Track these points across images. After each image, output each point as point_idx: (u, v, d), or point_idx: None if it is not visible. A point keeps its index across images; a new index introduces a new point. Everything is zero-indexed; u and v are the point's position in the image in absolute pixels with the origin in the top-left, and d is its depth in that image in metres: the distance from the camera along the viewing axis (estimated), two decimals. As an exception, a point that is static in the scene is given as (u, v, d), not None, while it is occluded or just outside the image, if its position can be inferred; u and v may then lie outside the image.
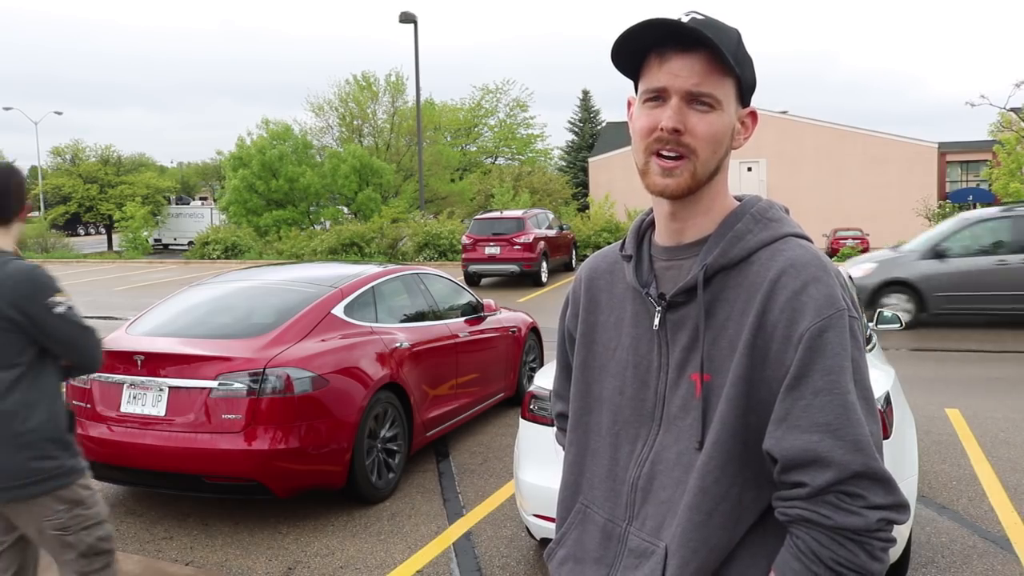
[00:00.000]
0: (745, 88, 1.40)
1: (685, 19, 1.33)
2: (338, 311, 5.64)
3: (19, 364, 2.80)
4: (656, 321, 1.43)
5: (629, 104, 1.45)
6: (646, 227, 1.54)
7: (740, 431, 1.33)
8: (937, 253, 12.03)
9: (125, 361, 5.13)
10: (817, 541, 1.27)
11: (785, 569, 1.30)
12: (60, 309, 2.83)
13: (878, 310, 6.22)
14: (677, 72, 1.34)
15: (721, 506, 1.33)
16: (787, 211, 1.49)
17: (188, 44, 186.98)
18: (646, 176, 1.39)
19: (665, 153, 1.36)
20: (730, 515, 1.34)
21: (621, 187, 30.96)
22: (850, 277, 5.47)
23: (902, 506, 1.28)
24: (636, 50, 1.37)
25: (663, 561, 1.36)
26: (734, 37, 1.36)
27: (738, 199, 1.48)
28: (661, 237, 1.48)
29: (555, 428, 1.80)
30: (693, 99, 1.34)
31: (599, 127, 50.15)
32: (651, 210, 1.52)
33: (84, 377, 5.28)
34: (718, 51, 1.32)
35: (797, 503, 1.28)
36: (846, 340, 1.29)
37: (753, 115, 1.44)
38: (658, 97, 1.36)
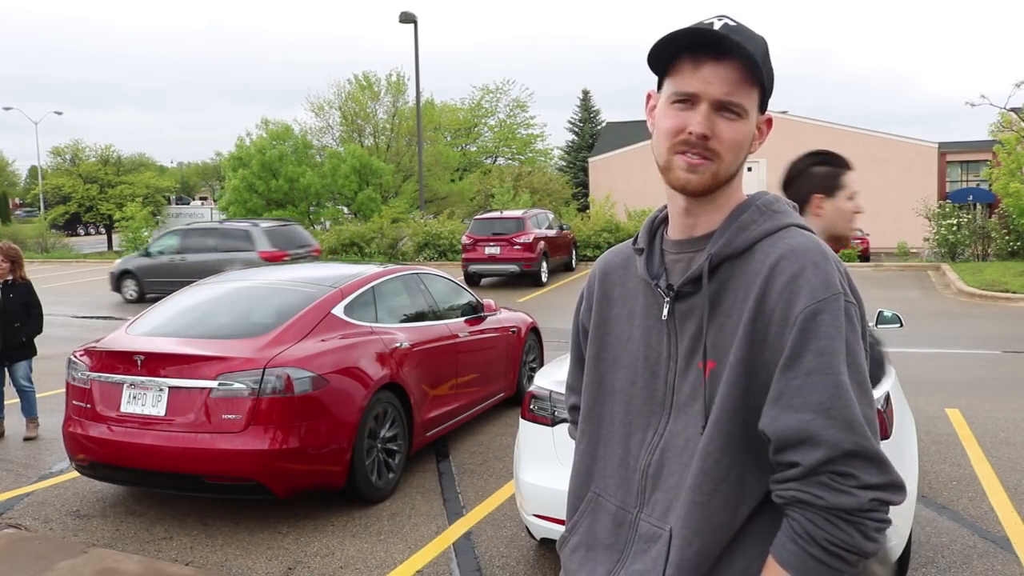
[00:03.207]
0: (766, 96, 1.44)
1: (718, 24, 1.36)
2: (338, 311, 5.64)
3: None
4: (665, 312, 1.46)
5: (649, 97, 1.48)
6: (659, 222, 1.57)
7: (740, 413, 1.35)
8: (147, 252, 18.07)
9: (125, 361, 5.14)
10: (811, 522, 1.29)
11: (781, 551, 1.32)
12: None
13: (878, 310, 6.19)
14: (710, 80, 1.37)
15: (721, 487, 1.35)
16: (795, 207, 1.52)
17: (183, 44, 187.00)
18: (669, 172, 1.42)
19: (691, 154, 1.39)
20: (730, 496, 1.36)
21: (621, 187, 30.90)
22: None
23: (896, 486, 1.30)
24: (670, 50, 1.40)
25: (667, 543, 1.39)
26: (763, 47, 1.39)
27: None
28: (673, 231, 1.51)
29: (568, 423, 1.82)
30: (722, 107, 1.37)
31: (599, 127, 50.09)
32: (664, 206, 1.56)
33: (84, 376, 5.29)
34: (753, 62, 1.35)
35: (791, 484, 1.31)
36: (840, 323, 1.31)
37: (769, 121, 1.48)
38: (687, 100, 1.38)
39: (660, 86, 1.45)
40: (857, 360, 1.32)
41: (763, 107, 1.45)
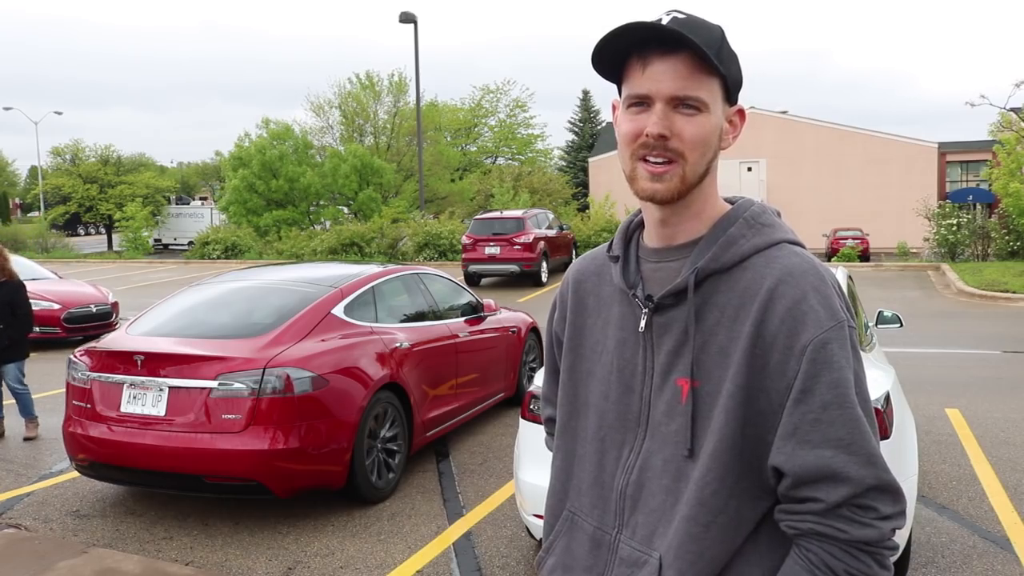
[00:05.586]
0: (731, 86, 1.36)
1: (666, 19, 1.30)
2: (338, 311, 5.64)
3: None
4: (642, 324, 1.39)
5: (614, 108, 1.42)
6: (634, 228, 1.51)
7: (738, 442, 1.30)
8: None
9: (125, 361, 5.14)
10: (830, 554, 1.26)
11: None
12: None
13: (878, 310, 6.21)
14: (659, 77, 1.30)
15: (719, 518, 1.31)
16: (779, 214, 1.46)
17: (183, 44, 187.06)
18: (634, 182, 1.36)
19: (652, 159, 1.33)
20: (728, 527, 1.32)
21: (621, 187, 30.81)
22: (850, 277, 5.47)
23: (904, 512, 1.29)
24: (617, 54, 1.34)
25: (657, 572, 1.34)
26: (717, 35, 1.33)
27: (729, 201, 1.45)
28: (650, 239, 1.45)
29: (544, 433, 1.75)
30: (678, 102, 1.31)
31: (599, 127, 50.10)
32: (640, 211, 1.49)
33: (84, 376, 5.29)
34: (701, 51, 1.28)
35: (809, 517, 1.27)
36: (848, 352, 1.28)
37: (741, 113, 1.41)
38: (642, 102, 1.33)
39: (621, 94, 1.38)
40: (863, 388, 1.30)
41: (731, 99, 1.37)
